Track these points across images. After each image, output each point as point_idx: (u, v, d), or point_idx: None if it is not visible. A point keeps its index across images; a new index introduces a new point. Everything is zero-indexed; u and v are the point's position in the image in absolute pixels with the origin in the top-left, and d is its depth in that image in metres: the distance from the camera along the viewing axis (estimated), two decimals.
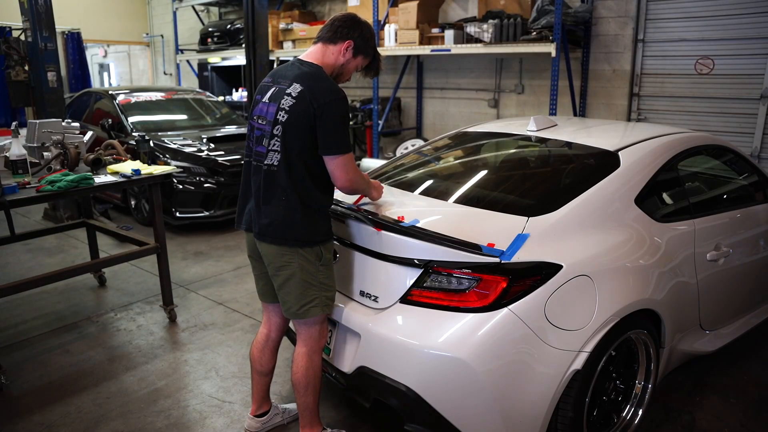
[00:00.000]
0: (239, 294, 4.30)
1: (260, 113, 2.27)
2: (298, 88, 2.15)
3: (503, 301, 2.04)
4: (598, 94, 6.66)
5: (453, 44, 6.71)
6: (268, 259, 2.27)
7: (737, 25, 5.62)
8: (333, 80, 2.25)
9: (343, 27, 2.27)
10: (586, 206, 2.38)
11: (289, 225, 2.19)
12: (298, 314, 2.28)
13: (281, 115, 2.17)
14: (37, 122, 3.61)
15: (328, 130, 2.13)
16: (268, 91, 2.27)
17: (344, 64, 2.30)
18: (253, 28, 7.68)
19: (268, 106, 2.24)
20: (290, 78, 2.20)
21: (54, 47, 5.70)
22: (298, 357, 2.35)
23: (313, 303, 2.27)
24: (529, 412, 2.09)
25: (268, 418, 2.65)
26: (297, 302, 2.26)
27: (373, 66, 2.42)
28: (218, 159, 5.84)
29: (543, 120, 3.19)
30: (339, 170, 2.19)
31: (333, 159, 2.17)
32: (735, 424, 2.74)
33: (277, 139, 2.18)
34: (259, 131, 2.25)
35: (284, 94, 2.18)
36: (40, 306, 4.07)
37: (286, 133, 2.16)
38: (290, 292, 2.26)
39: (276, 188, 2.19)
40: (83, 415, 2.80)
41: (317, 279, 2.26)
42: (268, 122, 2.22)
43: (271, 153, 2.19)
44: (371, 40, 2.34)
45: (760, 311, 3.33)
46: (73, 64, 11.45)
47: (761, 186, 3.34)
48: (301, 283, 2.24)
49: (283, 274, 2.25)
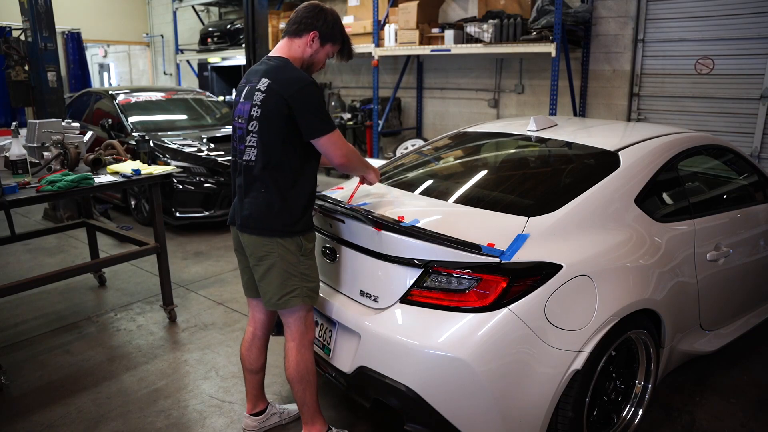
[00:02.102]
0: (239, 294, 4.30)
1: (239, 113, 2.32)
2: (266, 83, 2.20)
3: (503, 301, 2.04)
4: (598, 94, 6.66)
5: (453, 44, 6.72)
6: (250, 249, 2.30)
7: (737, 25, 5.62)
8: (302, 71, 2.25)
9: (306, 18, 2.28)
10: (586, 206, 2.38)
11: (268, 216, 2.22)
12: (278, 304, 2.29)
13: (255, 111, 2.22)
14: (37, 122, 3.61)
15: (308, 115, 2.16)
16: (242, 90, 2.32)
17: (312, 54, 2.31)
18: (253, 28, 7.69)
19: (243, 104, 2.29)
20: (259, 74, 2.25)
21: (54, 47, 5.70)
22: (288, 352, 2.37)
23: (293, 293, 2.28)
24: (529, 412, 2.09)
25: (264, 417, 2.65)
26: (277, 292, 2.28)
27: (345, 50, 2.41)
28: (218, 159, 5.84)
29: (543, 120, 3.19)
30: (331, 148, 2.21)
31: (321, 139, 2.19)
32: (735, 424, 2.74)
33: (252, 135, 2.23)
34: (240, 130, 2.30)
35: (255, 91, 2.23)
36: (40, 306, 4.07)
37: (260, 128, 2.21)
38: (271, 282, 2.28)
39: (255, 181, 2.24)
40: (83, 415, 2.80)
41: (298, 269, 2.28)
42: (242, 119, 2.28)
43: (248, 149, 2.25)
44: (337, 26, 2.34)
45: (760, 311, 3.33)
46: (73, 64, 11.46)
47: (761, 186, 3.34)
48: (281, 273, 2.25)
49: (263, 264, 2.27)
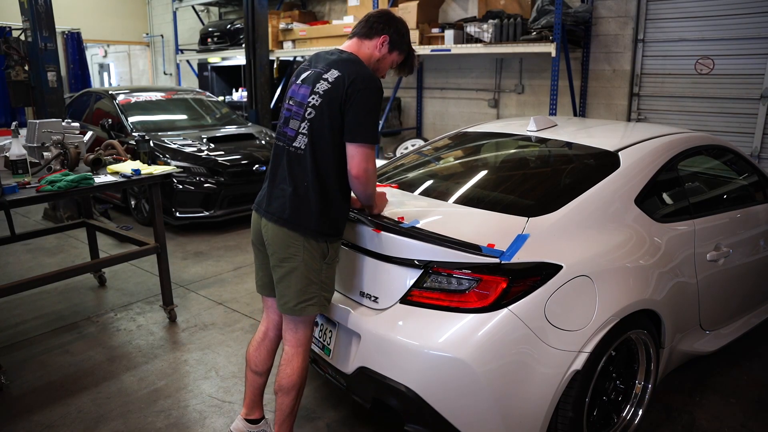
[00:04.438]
0: (239, 294, 4.30)
1: (292, 94, 2.25)
2: (335, 74, 2.11)
3: (503, 302, 2.04)
4: (598, 94, 6.66)
5: (453, 44, 6.71)
6: (273, 248, 2.20)
7: (737, 25, 5.62)
8: (373, 72, 2.20)
9: (378, 22, 2.25)
10: (586, 206, 2.39)
11: (303, 211, 2.13)
12: (294, 310, 2.21)
13: (314, 99, 2.13)
14: (37, 122, 3.61)
15: (357, 117, 2.07)
16: (303, 74, 2.25)
17: (380, 59, 2.28)
18: (253, 28, 7.70)
19: (300, 87, 2.21)
20: (328, 63, 2.17)
21: (54, 47, 5.70)
22: (290, 359, 2.27)
23: (311, 301, 2.20)
24: (529, 412, 2.09)
25: (257, 428, 2.50)
26: (295, 298, 2.19)
27: (408, 62, 2.38)
28: (218, 159, 5.84)
29: (543, 120, 3.19)
30: (358, 158, 2.10)
31: (356, 147, 2.10)
32: (735, 424, 2.74)
33: (307, 123, 2.14)
34: (288, 112, 2.23)
35: (320, 79, 2.14)
36: (40, 306, 4.07)
37: (316, 118, 2.12)
38: (290, 286, 2.19)
39: (299, 172, 2.14)
40: (83, 415, 2.80)
41: (319, 277, 2.20)
42: (297, 104, 2.19)
43: (300, 136, 2.15)
44: (406, 36, 2.32)
45: (760, 311, 3.33)
46: (73, 64, 11.46)
47: (761, 186, 3.34)
48: (302, 278, 2.17)
49: (285, 266, 2.18)
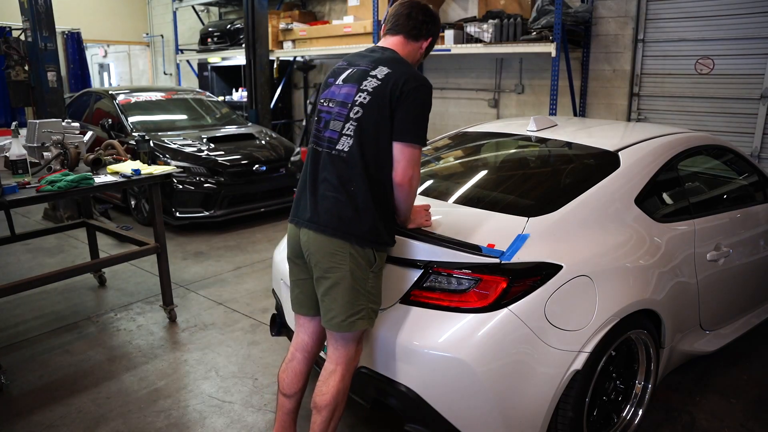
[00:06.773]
0: (239, 294, 4.30)
1: (331, 96, 2.11)
2: (384, 71, 2.01)
3: (503, 302, 2.04)
4: (598, 94, 6.66)
5: (453, 44, 6.71)
6: (317, 257, 2.02)
7: (737, 25, 5.62)
8: None
9: (426, 23, 2.15)
10: (586, 206, 2.39)
11: (350, 216, 1.98)
12: (341, 326, 2.02)
13: (362, 97, 2.00)
14: (37, 122, 3.61)
15: (408, 116, 1.97)
16: (342, 73, 2.12)
17: (419, 59, 2.22)
18: (253, 28, 7.70)
19: (341, 87, 2.08)
20: (373, 60, 2.07)
21: (54, 47, 5.71)
22: (330, 376, 2.08)
23: (360, 314, 2.02)
24: (529, 412, 2.08)
25: None
26: (343, 312, 2.01)
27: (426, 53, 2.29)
28: (218, 159, 5.84)
29: (543, 120, 3.19)
30: (405, 161, 1.99)
31: (404, 146, 1.99)
32: (735, 424, 2.74)
33: (352, 123, 2.00)
34: (327, 114, 2.09)
35: (368, 76, 2.02)
36: (40, 306, 4.07)
37: (364, 117, 1.99)
38: (336, 299, 2.01)
39: (345, 175, 1.99)
40: (83, 415, 2.80)
41: (365, 287, 2.03)
42: (340, 104, 2.05)
43: (343, 138, 2.01)
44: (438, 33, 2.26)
45: (760, 311, 3.33)
46: (73, 64, 11.46)
47: (761, 186, 3.34)
48: (349, 289, 2.00)
49: (331, 277, 2.01)
